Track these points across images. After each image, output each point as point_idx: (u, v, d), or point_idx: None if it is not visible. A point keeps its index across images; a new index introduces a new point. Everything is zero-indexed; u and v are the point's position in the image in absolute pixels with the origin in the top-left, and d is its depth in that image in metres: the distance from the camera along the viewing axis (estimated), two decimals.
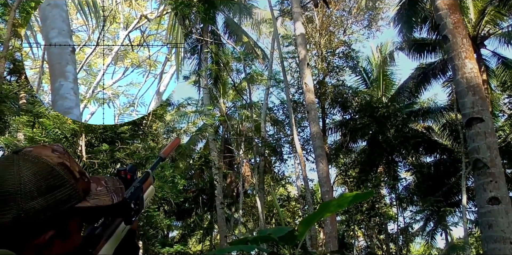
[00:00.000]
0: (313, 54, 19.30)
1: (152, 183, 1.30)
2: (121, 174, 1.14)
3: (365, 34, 21.15)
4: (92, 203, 0.95)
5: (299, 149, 14.87)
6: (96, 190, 0.99)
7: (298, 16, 12.70)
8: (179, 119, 21.43)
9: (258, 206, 17.17)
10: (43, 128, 9.75)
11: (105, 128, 10.60)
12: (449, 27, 6.29)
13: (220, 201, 16.38)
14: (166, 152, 1.46)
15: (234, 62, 18.98)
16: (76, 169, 0.95)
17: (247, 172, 20.48)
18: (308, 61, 12.18)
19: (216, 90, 20.26)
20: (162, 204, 15.47)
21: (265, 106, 18.98)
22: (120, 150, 10.52)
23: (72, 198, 0.92)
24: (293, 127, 15.58)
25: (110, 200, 1.00)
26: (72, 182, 0.92)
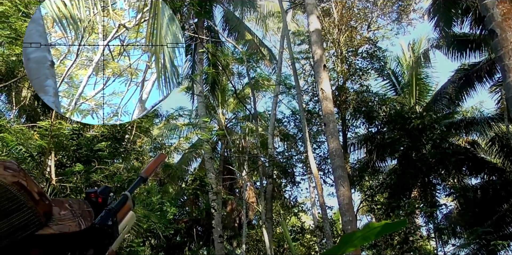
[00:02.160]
0: (330, 54, 19.37)
1: (131, 207, 1.30)
2: (91, 197, 1.14)
3: (394, 29, 21.25)
4: (56, 229, 0.95)
5: (315, 170, 14.81)
6: (60, 214, 0.98)
7: (313, 8, 12.78)
8: (169, 133, 21.52)
9: (265, 240, 17.06)
10: (3, 144, 9.78)
11: (79, 145, 10.63)
12: (497, 19, 6.30)
13: (219, 233, 16.30)
14: (149, 171, 1.46)
15: (235, 64, 19.10)
16: (34, 190, 0.94)
17: (251, 197, 20.42)
18: (325, 62, 12.23)
19: (214, 98, 20.35)
20: (148, 237, 15.38)
21: (273, 118, 19.00)
22: (97, 171, 10.51)
23: (31, 224, 0.91)
24: (307, 142, 15.56)
25: (76, 225, 0.99)
26: (30, 204, 0.92)
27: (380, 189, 19.05)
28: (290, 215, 21.11)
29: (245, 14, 21.43)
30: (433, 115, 17.91)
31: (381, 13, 20.84)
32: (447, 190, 18.83)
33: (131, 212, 1.30)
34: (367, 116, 18.41)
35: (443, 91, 19.83)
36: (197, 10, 15.19)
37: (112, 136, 11.32)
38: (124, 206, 1.25)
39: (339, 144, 11.56)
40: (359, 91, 18.67)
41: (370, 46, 19.28)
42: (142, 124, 12.26)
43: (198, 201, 20.63)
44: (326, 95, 11.53)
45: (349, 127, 19.09)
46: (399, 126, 17.14)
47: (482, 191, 18.62)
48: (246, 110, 20.42)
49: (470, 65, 19.33)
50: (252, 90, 19.21)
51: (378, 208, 18.11)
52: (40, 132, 10.12)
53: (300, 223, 20.29)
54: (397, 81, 20.84)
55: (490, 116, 19.30)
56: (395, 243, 15.67)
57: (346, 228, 10.37)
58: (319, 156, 19.19)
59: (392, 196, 18.03)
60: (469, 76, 19.05)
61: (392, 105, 18.55)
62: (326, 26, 18.88)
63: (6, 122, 10.26)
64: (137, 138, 12.84)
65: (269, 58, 21.61)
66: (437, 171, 17.76)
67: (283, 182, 20.91)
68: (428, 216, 17.22)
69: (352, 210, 11.30)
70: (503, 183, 18.09)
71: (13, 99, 12.44)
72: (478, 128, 19.43)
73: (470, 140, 20.38)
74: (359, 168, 19.58)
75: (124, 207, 1.25)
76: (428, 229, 17.54)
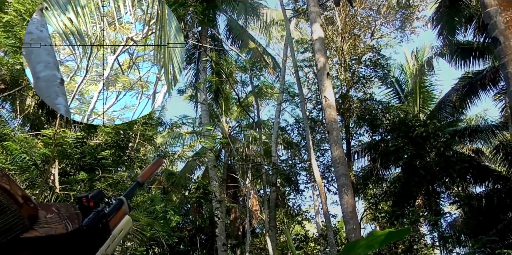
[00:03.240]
0: (334, 62, 19.42)
1: (127, 212, 1.30)
2: (83, 201, 1.14)
3: (398, 37, 21.34)
4: (42, 232, 0.95)
5: (319, 178, 14.79)
6: (46, 218, 0.99)
7: (316, 16, 12.82)
8: (172, 141, 21.54)
9: (268, 248, 17.00)
10: (8, 153, 9.81)
11: (83, 153, 10.65)
12: (500, 27, 6.31)
13: (223, 241, 16.25)
14: (145, 176, 1.47)
15: (238, 73, 19.13)
16: (18, 193, 0.95)
17: (255, 206, 20.38)
18: (328, 70, 12.24)
19: (217, 107, 20.38)
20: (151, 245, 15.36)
21: (276, 126, 19.01)
22: (101, 179, 10.52)
23: (15, 226, 0.92)
24: (311, 150, 15.54)
25: (63, 227, 1.00)
26: (14, 208, 0.93)
27: (384, 197, 19.00)
28: (294, 224, 21.03)
29: (248, 23, 21.52)
30: (437, 123, 17.90)
31: (385, 21, 20.91)
32: (451, 198, 18.76)
33: (127, 216, 1.30)
34: (371, 124, 18.40)
35: (447, 99, 19.81)
36: (201, 18, 15.25)
37: (115, 144, 11.34)
38: (120, 211, 1.26)
39: (342, 152, 11.54)
40: (362, 99, 18.68)
41: (374, 54, 19.32)
42: (145, 132, 12.27)
43: (201, 209, 20.59)
44: (329, 103, 11.54)
45: (352, 135, 19.09)
46: (403, 134, 17.13)
47: (486, 199, 18.52)
48: (249, 118, 20.43)
49: (474, 73, 19.32)
50: (256, 98, 19.22)
51: (382, 216, 18.05)
52: (44, 140, 10.15)
53: (304, 231, 20.24)
54: (400, 89, 20.85)
55: (494, 124, 19.26)
56: (399, 251, 15.61)
57: (350, 237, 10.34)
58: (322, 164, 19.18)
59: (396, 204, 17.97)
60: (473, 84, 19.03)
61: (396, 113, 18.53)
62: (329, 34, 18.94)
63: (10, 130, 10.30)
64: (140, 146, 12.85)
65: (273, 66, 21.65)
66: (441, 179, 17.72)
67: (287, 190, 20.89)
68: (433, 225, 17.17)
69: (356, 218, 11.27)
70: (508, 192, 18.01)
71: (17, 108, 12.50)
72: (483, 136, 19.37)
73: (474, 148, 20.33)
74: (363, 176, 19.54)
75: (119, 212, 1.26)
76: (432, 237, 17.51)
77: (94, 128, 11.24)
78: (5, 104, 13.59)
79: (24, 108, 12.61)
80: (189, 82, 19.67)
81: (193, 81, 19.24)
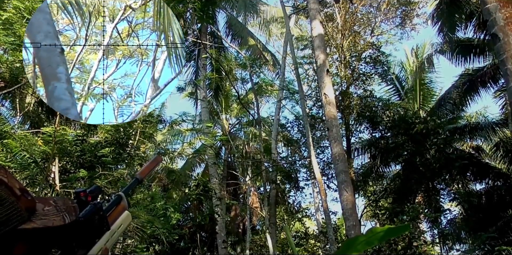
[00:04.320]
0: (334, 59, 19.40)
1: (126, 207, 1.32)
2: (81, 196, 1.16)
3: (398, 34, 21.31)
4: (40, 223, 0.97)
5: (318, 175, 14.80)
6: (44, 210, 1.01)
7: (316, 13, 12.82)
8: (172, 139, 21.55)
9: (269, 245, 17.03)
10: (8, 150, 9.82)
11: (83, 151, 10.66)
12: (500, 24, 6.31)
13: (223, 239, 16.27)
14: (144, 173, 1.49)
15: (238, 70, 19.13)
16: (16, 186, 0.97)
17: (255, 203, 20.40)
18: (328, 67, 12.24)
19: (217, 104, 20.37)
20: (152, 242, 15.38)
21: (276, 123, 19.01)
22: (101, 177, 10.54)
23: (13, 218, 0.93)
24: (311, 147, 15.56)
25: (61, 219, 1.01)
26: (11, 200, 0.94)
27: (384, 194, 19.01)
28: (294, 221, 21.05)
29: (248, 20, 21.49)
30: (437, 120, 17.90)
31: (385, 18, 20.88)
32: (451, 195, 18.76)
33: (126, 211, 1.32)
34: (371, 121, 18.40)
35: (447, 96, 19.81)
36: (200, 15, 15.22)
37: (115, 142, 11.35)
38: (119, 206, 1.28)
39: (342, 149, 11.55)
40: (362, 96, 18.68)
41: (374, 51, 19.28)
42: (145, 130, 12.29)
43: (202, 207, 20.63)
44: (329, 100, 11.54)
45: (352, 132, 19.08)
46: (403, 131, 17.13)
47: (486, 196, 18.55)
48: (249, 115, 20.44)
49: (474, 70, 19.30)
50: (256, 95, 19.22)
51: (382, 213, 18.06)
52: (44, 138, 10.15)
53: (303, 228, 20.26)
54: (400, 86, 20.84)
55: (495, 121, 19.25)
56: (399, 248, 15.62)
57: (350, 233, 10.35)
58: (322, 161, 19.19)
59: (396, 201, 17.98)
60: (473, 81, 19.02)
61: (396, 110, 18.53)
62: (329, 31, 18.92)
63: (10, 128, 10.31)
64: (140, 144, 12.86)
65: (273, 63, 21.64)
66: (441, 176, 17.73)
67: (287, 187, 20.90)
68: (432, 222, 17.18)
69: (356, 215, 11.29)
70: (507, 189, 18.03)
71: (17, 106, 12.50)
72: (483, 133, 19.38)
73: (474, 145, 20.33)
74: (362, 173, 19.56)
75: (118, 207, 1.28)
76: (432, 234, 17.50)
77: (94, 125, 11.25)
78: (5, 102, 13.59)
79: (24, 106, 12.61)
80: (189, 79, 19.68)
81: (192, 78, 19.23)
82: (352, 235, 10.16)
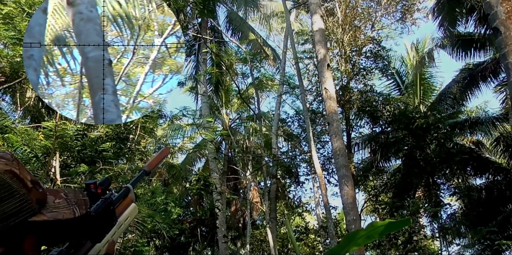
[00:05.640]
0: (334, 53, 19.37)
1: (133, 200, 1.33)
2: (91, 188, 1.16)
3: (398, 29, 21.21)
4: (50, 216, 0.97)
5: (319, 170, 14.82)
6: (54, 203, 1.01)
7: (316, 8, 12.80)
8: (173, 134, 21.54)
9: (269, 240, 17.07)
10: (9, 145, 9.83)
11: (83, 145, 10.67)
12: (501, 17, 6.30)
13: (223, 233, 16.31)
14: (152, 165, 1.48)
15: (239, 64, 19.10)
16: (27, 178, 0.98)
17: (255, 198, 20.43)
18: (328, 62, 12.23)
19: (218, 99, 20.35)
20: (152, 237, 15.43)
21: (276, 118, 19.02)
22: (101, 171, 10.56)
23: (24, 210, 0.94)
24: (311, 142, 15.57)
25: (71, 213, 1.02)
26: (22, 192, 0.95)
27: (384, 189, 19.04)
28: (294, 215, 21.10)
29: (248, 14, 21.45)
30: (437, 114, 17.89)
31: (385, 12, 20.81)
32: (451, 190, 18.80)
33: (133, 204, 1.33)
34: (371, 116, 18.40)
35: (447, 91, 19.79)
36: (201, 9, 15.19)
37: (116, 136, 11.36)
38: (126, 198, 1.29)
39: (343, 143, 11.57)
40: (363, 90, 18.67)
41: (374, 45, 19.27)
42: (146, 125, 12.29)
43: (202, 201, 20.67)
44: (329, 95, 11.54)
45: (353, 126, 19.09)
46: (403, 126, 17.13)
47: (486, 191, 18.57)
48: (250, 110, 20.43)
49: (474, 65, 19.27)
50: (256, 90, 19.20)
51: (382, 208, 18.11)
52: (45, 132, 10.17)
53: (304, 223, 20.32)
54: (401, 81, 20.82)
55: (495, 116, 19.24)
56: (399, 242, 15.66)
57: (350, 228, 10.38)
58: (323, 156, 19.20)
59: (396, 196, 18.01)
60: (474, 75, 18.99)
61: (396, 104, 18.52)
62: (329, 25, 18.88)
63: (11, 122, 10.30)
64: (141, 139, 12.86)
65: (273, 58, 21.63)
66: (441, 171, 17.75)
67: (287, 182, 20.94)
68: (433, 216, 17.20)
69: (356, 209, 11.31)
70: (508, 183, 18.05)
71: (17, 100, 12.49)
72: (483, 128, 19.38)
73: (475, 140, 20.34)
74: (363, 168, 19.58)
75: (126, 199, 1.29)
76: (432, 229, 17.53)
77: None
78: (5, 96, 13.59)
79: (25, 101, 12.60)
80: (189, 74, 19.67)
81: (193, 73, 19.22)
82: (352, 230, 10.19)
